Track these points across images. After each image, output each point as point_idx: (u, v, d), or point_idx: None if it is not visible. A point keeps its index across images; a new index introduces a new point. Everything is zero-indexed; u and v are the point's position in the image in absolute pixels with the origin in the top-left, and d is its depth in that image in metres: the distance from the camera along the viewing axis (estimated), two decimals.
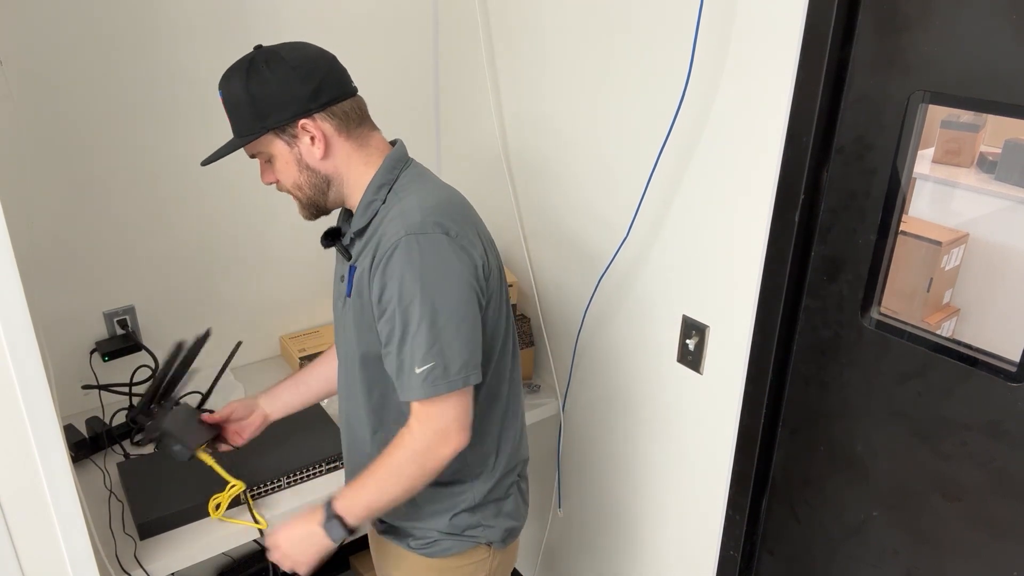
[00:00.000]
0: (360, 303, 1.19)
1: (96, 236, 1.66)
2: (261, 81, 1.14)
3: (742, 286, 1.39)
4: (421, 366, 1.12)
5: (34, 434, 1.01)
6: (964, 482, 1.21)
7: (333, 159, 1.19)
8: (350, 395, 1.31)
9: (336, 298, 1.31)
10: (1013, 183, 1.08)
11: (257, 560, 2.08)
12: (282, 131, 1.16)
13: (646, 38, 1.45)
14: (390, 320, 1.14)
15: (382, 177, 1.20)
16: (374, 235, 1.17)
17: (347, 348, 1.27)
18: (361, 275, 1.18)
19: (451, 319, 1.13)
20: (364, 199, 1.20)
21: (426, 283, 1.11)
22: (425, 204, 1.16)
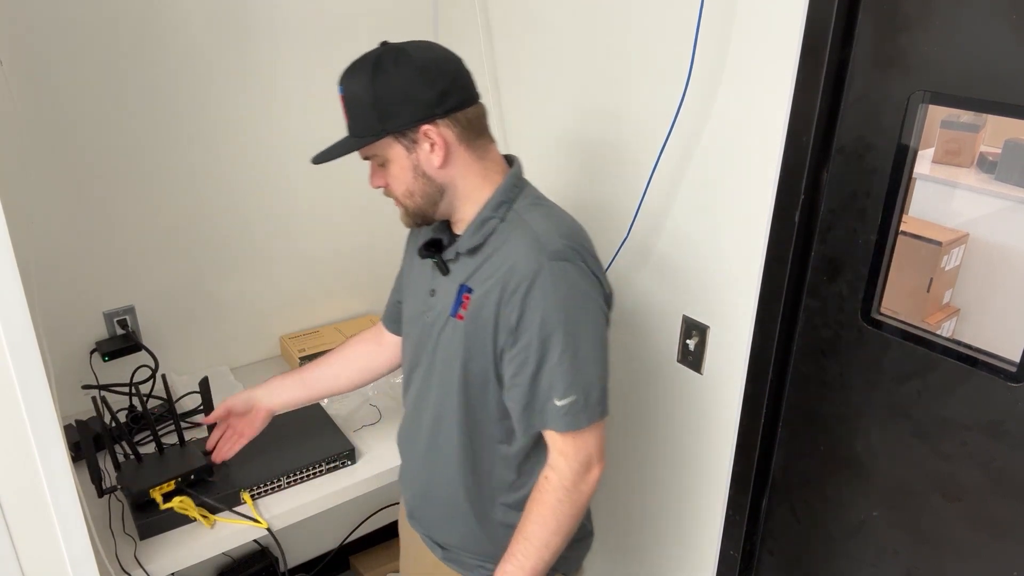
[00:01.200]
0: (475, 326, 1.14)
1: (96, 236, 1.66)
2: (386, 80, 1.08)
3: (742, 286, 1.39)
4: (563, 399, 1.09)
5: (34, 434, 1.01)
6: (964, 482, 1.21)
7: (450, 169, 1.12)
8: (439, 415, 1.23)
9: (422, 311, 1.24)
10: (1013, 183, 1.08)
11: (257, 560, 2.08)
12: (402, 135, 1.10)
13: (646, 38, 1.45)
14: (524, 350, 1.10)
15: (503, 195, 1.14)
16: (493, 256, 1.13)
17: (442, 367, 1.20)
18: (482, 298, 1.12)
19: (591, 350, 1.11)
20: (480, 216, 1.14)
21: (568, 313, 1.08)
22: (559, 228, 1.12)
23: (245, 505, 1.44)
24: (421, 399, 1.27)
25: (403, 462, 1.39)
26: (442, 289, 1.20)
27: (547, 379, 1.10)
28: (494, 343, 1.13)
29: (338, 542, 2.30)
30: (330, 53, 1.83)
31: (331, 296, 2.07)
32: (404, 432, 1.36)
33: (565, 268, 1.09)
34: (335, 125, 1.89)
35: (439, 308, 1.19)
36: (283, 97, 1.80)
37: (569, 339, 1.09)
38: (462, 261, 1.17)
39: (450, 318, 1.17)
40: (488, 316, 1.12)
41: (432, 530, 1.34)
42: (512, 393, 1.14)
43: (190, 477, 1.42)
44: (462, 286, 1.15)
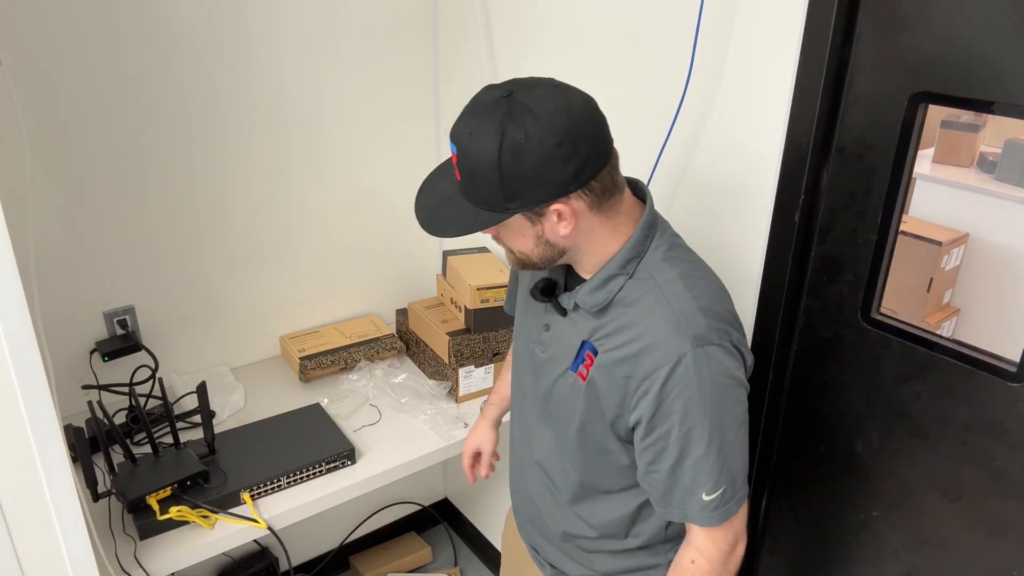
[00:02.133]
0: (597, 394, 1.06)
1: (96, 236, 1.66)
2: (516, 158, 0.93)
3: (742, 286, 1.39)
4: (711, 493, 1.02)
5: (34, 434, 1.01)
6: (964, 482, 1.21)
7: (576, 234, 1.01)
8: (552, 456, 1.19)
9: (534, 342, 1.17)
10: (1013, 183, 1.08)
11: (257, 560, 2.08)
12: (529, 209, 0.98)
13: (646, 38, 1.45)
14: (662, 439, 1.02)
15: (631, 251, 1.04)
16: (621, 320, 1.04)
17: (559, 415, 1.15)
18: (608, 367, 1.04)
19: (736, 438, 1.04)
20: (604, 272, 1.04)
21: (712, 403, 1.00)
22: (699, 300, 1.02)
23: (245, 505, 1.44)
24: (535, 427, 1.22)
25: (514, 472, 1.36)
26: (559, 331, 1.12)
27: (690, 473, 1.02)
28: (616, 416, 1.06)
29: (338, 542, 2.31)
30: (331, 53, 1.83)
31: (331, 296, 2.07)
32: (516, 446, 1.32)
33: (709, 353, 0.99)
34: (336, 125, 1.90)
35: (555, 351, 1.13)
36: (284, 98, 1.80)
37: (715, 431, 1.00)
38: (583, 313, 1.08)
39: (569, 371, 1.10)
40: (614, 390, 1.05)
41: (541, 550, 1.33)
42: (649, 480, 1.07)
43: (186, 483, 1.42)
44: (585, 343, 1.07)
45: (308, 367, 1.87)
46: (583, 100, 0.99)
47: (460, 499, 2.53)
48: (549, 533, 1.28)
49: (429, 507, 2.50)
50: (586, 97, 1.00)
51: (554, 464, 1.20)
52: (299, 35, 1.78)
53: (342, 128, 1.91)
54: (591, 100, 1.00)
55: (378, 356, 1.96)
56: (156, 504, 1.38)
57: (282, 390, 1.86)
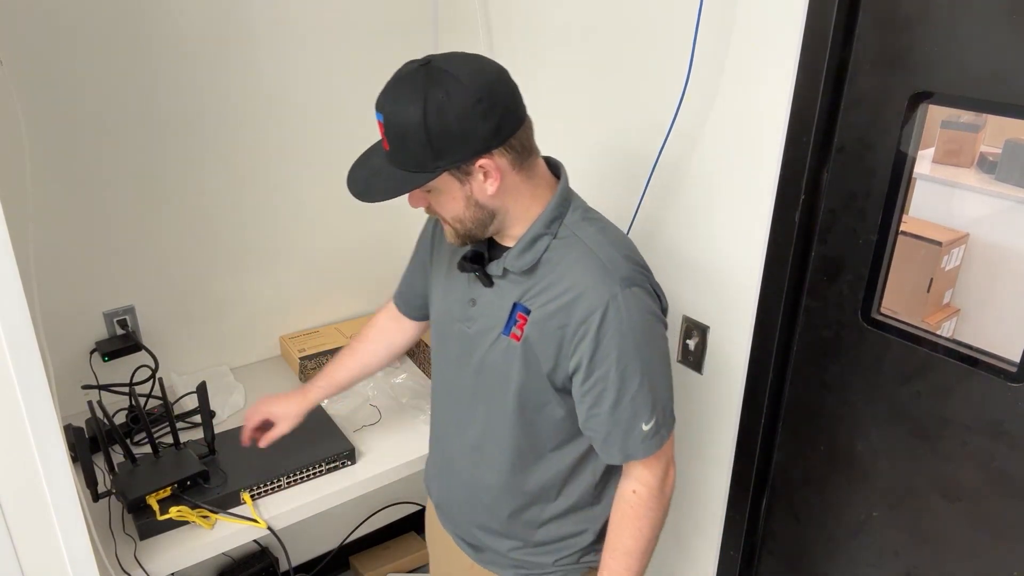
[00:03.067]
0: (534, 350, 1.12)
1: (96, 236, 1.66)
2: (440, 116, 0.99)
3: (742, 286, 1.39)
4: (648, 423, 1.11)
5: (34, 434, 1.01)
6: (964, 482, 1.21)
7: (503, 194, 1.08)
8: (488, 429, 1.22)
9: (459, 319, 1.20)
10: (1013, 183, 1.08)
11: (257, 560, 2.08)
12: (457, 168, 1.04)
13: (646, 38, 1.45)
14: (601, 381, 1.09)
15: (553, 211, 1.11)
16: (551, 277, 1.10)
17: (492, 383, 1.18)
18: (543, 322, 1.10)
19: (662, 367, 1.13)
20: (529, 233, 1.11)
21: (642, 340, 1.08)
22: (619, 249, 1.11)
23: (245, 505, 1.44)
24: (465, 409, 1.25)
25: (436, 464, 1.38)
26: (486, 302, 1.16)
27: (629, 407, 1.10)
28: (555, 366, 1.12)
29: (338, 542, 2.30)
30: (331, 53, 1.83)
31: (331, 296, 2.07)
32: (441, 436, 1.35)
33: (636, 294, 1.07)
34: (335, 125, 1.90)
35: (484, 323, 1.16)
36: (284, 97, 1.80)
37: (646, 365, 1.09)
38: (511, 278, 1.13)
39: (502, 335, 1.14)
40: (550, 341, 1.10)
41: (467, 532, 1.34)
42: (592, 423, 1.13)
43: (186, 483, 1.42)
44: (516, 305, 1.12)
45: (308, 367, 1.87)
46: (496, 67, 1.07)
47: None
48: (480, 515, 1.29)
49: None
50: (498, 65, 1.08)
51: (488, 438, 1.22)
52: (299, 35, 1.78)
53: (342, 128, 1.91)
54: (503, 68, 1.08)
55: None
56: (156, 504, 1.38)
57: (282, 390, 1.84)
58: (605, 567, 1.20)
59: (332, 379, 1.49)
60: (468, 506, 1.31)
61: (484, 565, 1.33)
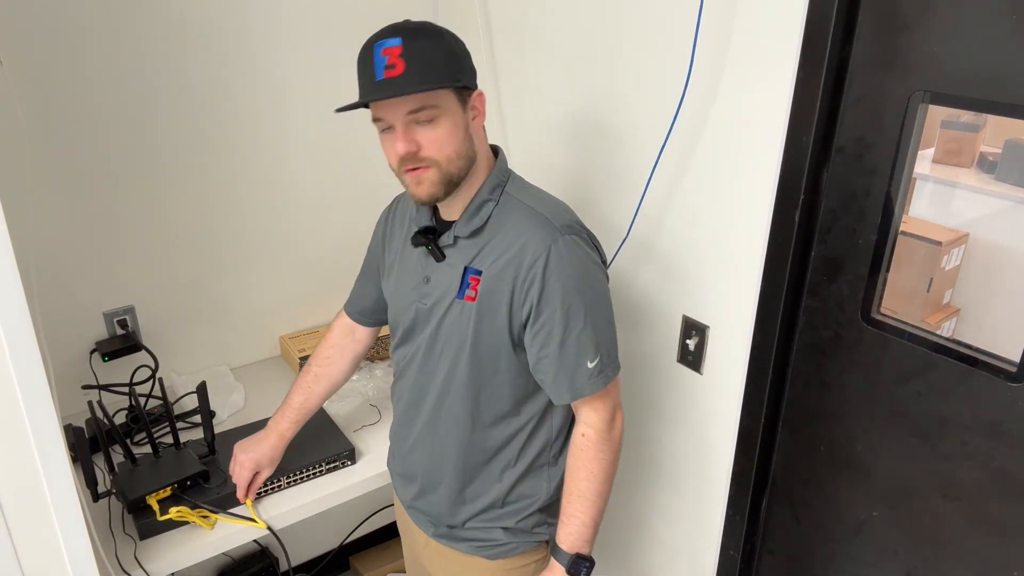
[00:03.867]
0: (488, 305, 1.19)
1: (96, 236, 1.66)
2: (456, 44, 1.14)
3: (742, 286, 1.39)
4: (593, 360, 1.18)
5: (34, 434, 1.01)
6: (964, 482, 1.21)
7: (478, 138, 1.19)
8: (443, 394, 1.27)
9: (414, 299, 1.27)
10: (1013, 183, 1.08)
11: (257, 560, 2.08)
12: (466, 91, 1.15)
13: (646, 38, 1.45)
14: (548, 322, 1.16)
15: (497, 177, 1.22)
16: (497, 236, 1.19)
17: (446, 348, 1.24)
18: (494, 278, 1.18)
19: (604, 310, 1.21)
20: (477, 198, 1.20)
21: (584, 281, 1.17)
22: (557, 207, 1.22)
23: (244, 505, 1.44)
24: (421, 383, 1.30)
25: (396, 448, 1.43)
26: (439, 275, 1.23)
27: (575, 345, 1.17)
28: (509, 318, 1.19)
29: (338, 542, 2.30)
30: (331, 53, 1.83)
31: (331, 296, 2.06)
32: (399, 421, 1.39)
33: (576, 241, 1.17)
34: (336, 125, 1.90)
35: (438, 293, 1.23)
36: (283, 97, 1.80)
37: (589, 305, 1.17)
38: (461, 245, 1.21)
39: (456, 300, 1.21)
40: (503, 293, 1.18)
41: (425, 507, 1.37)
42: (542, 365, 1.20)
43: (186, 483, 1.42)
44: (467, 268, 1.20)
45: None
46: None
47: None
48: (441, 480, 1.32)
49: None
50: None
51: (446, 401, 1.27)
52: (299, 35, 1.78)
53: (342, 128, 1.91)
54: None
55: (378, 356, 1.96)
56: (156, 504, 1.38)
57: (282, 390, 1.84)
58: (564, 512, 1.25)
59: (306, 410, 1.50)
60: (428, 476, 1.34)
61: (439, 540, 1.37)
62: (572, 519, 1.24)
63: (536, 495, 1.32)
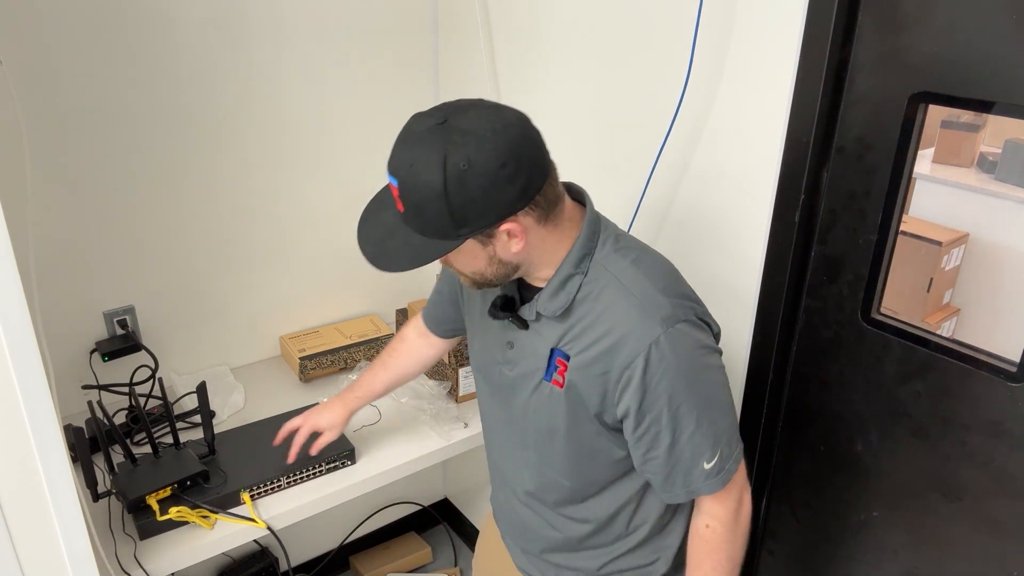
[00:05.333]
0: (578, 397, 1.06)
1: (96, 236, 1.66)
2: (462, 185, 0.91)
3: (742, 286, 1.39)
4: (711, 461, 1.05)
5: (34, 434, 1.01)
6: (964, 482, 1.21)
7: (528, 250, 1.01)
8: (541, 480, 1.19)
9: (499, 361, 1.16)
10: (1013, 183, 1.08)
11: (257, 560, 2.08)
12: (480, 233, 0.97)
13: (646, 38, 1.45)
14: (654, 425, 1.03)
15: (582, 248, 1.04)
16: (587, 319, 1.04)
17: (540, 429, 1.14)
18: (584, 368, 1.04)
19: (720, 403, 1.07)
20: (559, 274, 1.04)
21: (693, 378, 1.02)
22: (656, 282, 1.03)
23: (244, 506, 1.44)
24: (518, 454, 1.21)
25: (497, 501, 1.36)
26: (524, 345, 1.11)
27: (688, 449, 1.04)
28: (602, 411, 1.07)
29: (338, 542, 2.30)
30: (331, 53, 1.83)
31: (331, 296, 2.07)
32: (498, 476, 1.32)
33: (679, 331, 1.00)
34: (335, 125, 1.90)
35: (524, 367, 1.11)
36: (284, 97, 1.80)
37: (701, 403, 1.03)
38: (545, 322, 1.08)
39: (544, 382, 1.09)
40: (592, 388, 1.05)
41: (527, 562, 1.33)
42: (649, 467, 1.09)
43: (186, 483, 1.42)
44: (554, 351, 1.07)
45: (308, 367, 1.87)
46: (517, 118, 0.97)
47: (460, 499, 2.53)
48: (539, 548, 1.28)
49: (429, 507, 2.50)
50: (519, 114, 0.98)
51: (543, 484, 1.19)
52: (299, 35, 1.78)
53: (342, 128, 1.91)
54: (524, 117, 0.99)
55: None
56: (156, 504, 1.38)
57: (282, 390, 1.86)
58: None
59: (370, 389, 1.51)
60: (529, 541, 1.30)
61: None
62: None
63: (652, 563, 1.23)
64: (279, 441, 1.50)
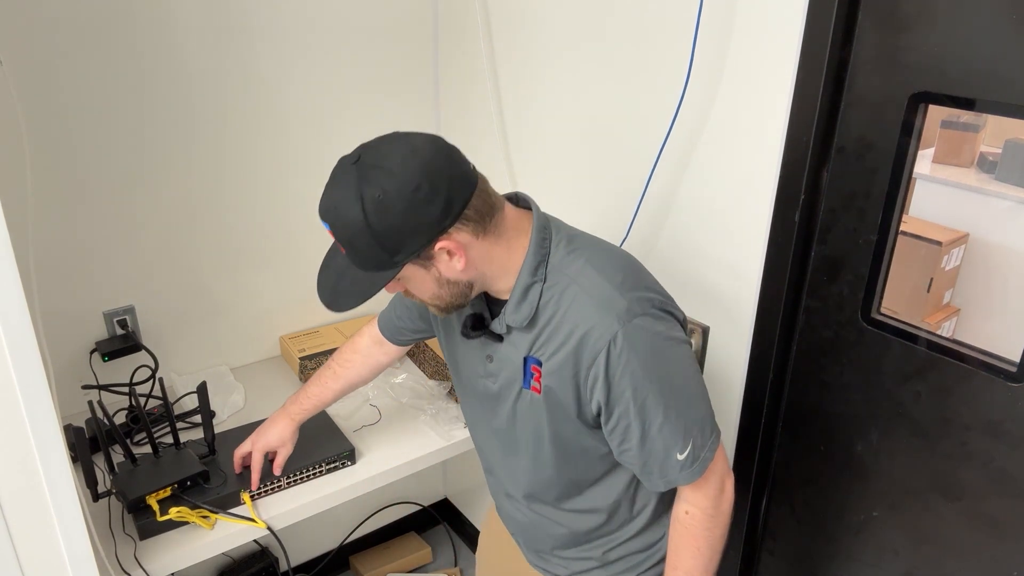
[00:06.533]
0: (554, 400, 1.09)
1: (96, 236, 1.66)
2: (382, 215, 0.95)
3: (742, 286, 1.39)
4: (683, 452, 1.06)
5: (34, 434, 1.01)
6: (964, 482, 1.21)
7: (473, 265, 1.03)
8: (535, 481, 1.22)
9: (481, 375, 1.18)
10: (1013, 183, 1.08)
11: (257, 560, 2.08)
12: (417, 257, 1.00)
13: (646, 38, 1.45)
14: (623, 418, 1.05)
15: (535, 256, 1.05)
16: (551, 323, 1.06)
17: (527, 437, 1.17)
18: (555, 372, 1.07)
19: (691, 390, 1.08)
20: (519, 285, 1.06)
21: (656, 370, 1.03)
22: (611, 276, 1.04)
23: (244, 506, 1.44)
24: (511, 460, 1.24)
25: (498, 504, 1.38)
26: (501, 356, 1.13)
27: (659, 440, 1.06)
28: (578, 409, 1.09)
29: (338, 542, 2.30)
30: (331, 53, 1.83)
31: None
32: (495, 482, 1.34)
33: (639, 325, 1.02)
34: (335, 125, 1.90)
35: (505, 377, 1.14)
36: (283, 98, 1.80)
37: (667, 394, 1.04)
38: (516, 332, 1.10)
39: (524, 390, 1.12)
40: (566, 389, 1.08)
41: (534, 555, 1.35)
42: (625, 457, 1.11)
43: (186, 483, 1.42)
44: (527, 359, 1.10)
45: (308, 367, 1.87)
46: (425, 140, 1.00)
47: (460, 499, 2.53)
48: (548, 547, 1.30)
49: (429, 507, 2.50)
50: (429, 137, 1.01)
51: (540, 484, 1.22)
52: (299, 35, 1.78)
53: (342, 128, 1.91)
54: (434, 137, 1.02)
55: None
56: (156, 504, 1.38)
57: (282, 390, 1.85)
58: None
59: (320, 399, 1.50)
60: (536, 540, 1.32)
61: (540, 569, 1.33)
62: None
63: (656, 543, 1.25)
64: (239, 471, 1.48)
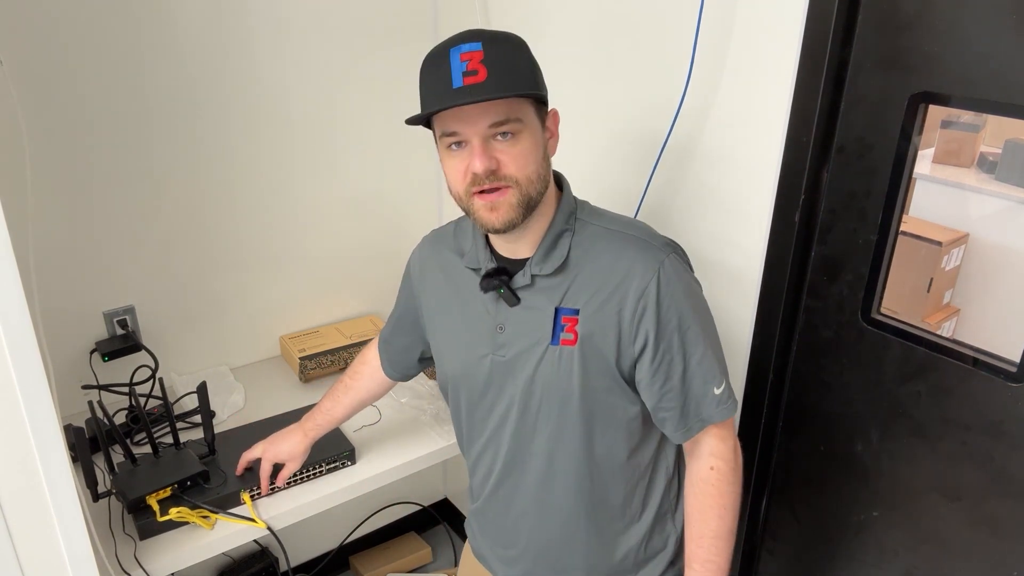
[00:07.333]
0: (593, 347, 1.06)
1: (96, 236, 1.66)
2: (531, 54, 1.04)
3: (742, 286, 1.39)
4: (720, 386, 1.09)
5: (34, 434, 1.01)
6: (964, 482, 1.21)
7: (550, 162, 1.08)
8: (552, 454, 1.14)
9: (485, 353, 1.13)
10: (1013, 183, 1.08)
11: (257, 560, 2.08)
12: (544, 107, 1.05)
13: (646, 38, 1.45)
14: (667, 353, 1.05)
15: (569, 205, 1.10)
16: (587, 269, 1.06)
17: (549, 401, 1.11)
18: (597, 314, 1.05)
19: (714, 329, 1.12)
20: (552, 229, 1.08)
21: (695, 303, 1.08)
22: (638, 227, 1.11)
23: (244, 506, 1.44)
24: (519, 444, 1.16)
25: (488, 524, 1.30)
26: (517, 322, 1.10)
27: (700, 373, 1.07)
28: (617, 355, 1.07)
29: (338, 542, 2.31)
30: (330, 54, 1.83)
31: (331, 296, 2.07)
32: (489, 493, 1.25)
33: (675, 260, 1.07)
34: (335, 125, 1.90)
35: (523, 342, 1.10)
36: (283, 98, 1.80)
37: (704, 327, 1.08)
38: (541, 286, 1.08)
39: (551, 347, 1.08)
40: (608, 331, 1.05)
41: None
42: (665, 401, 1.08)
43: (186, 483, 1.42)
44: (559, 309, 1.07)
45: (308, 367, 1.87)
46: None
47: (460, 499, 2.53)
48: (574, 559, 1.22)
49: (429, 507, 2.50)
50: None
51: (556, 465, 1.15)
52: (299, 36, 1.78)
53: (342, 129, 1.91)
54: None
55: None
56: (156, 504, 1.38)
57: (282, 390, 1.86)
58: (695, 558, 1.11)
59: (331, 417, 1.47)
60: (549, 550, 1.23)
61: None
62: (709, 565, 1.10)
63: (665, 548, 1.23)
64: (240, 472, 1.47)
